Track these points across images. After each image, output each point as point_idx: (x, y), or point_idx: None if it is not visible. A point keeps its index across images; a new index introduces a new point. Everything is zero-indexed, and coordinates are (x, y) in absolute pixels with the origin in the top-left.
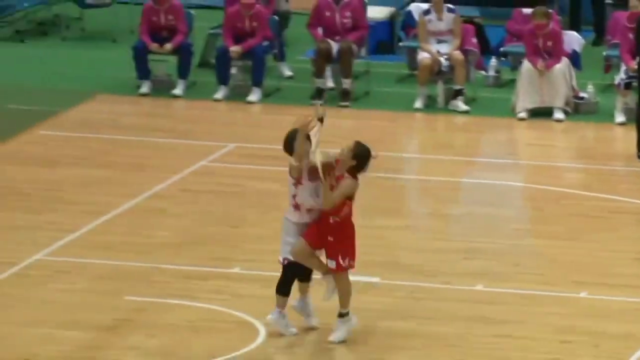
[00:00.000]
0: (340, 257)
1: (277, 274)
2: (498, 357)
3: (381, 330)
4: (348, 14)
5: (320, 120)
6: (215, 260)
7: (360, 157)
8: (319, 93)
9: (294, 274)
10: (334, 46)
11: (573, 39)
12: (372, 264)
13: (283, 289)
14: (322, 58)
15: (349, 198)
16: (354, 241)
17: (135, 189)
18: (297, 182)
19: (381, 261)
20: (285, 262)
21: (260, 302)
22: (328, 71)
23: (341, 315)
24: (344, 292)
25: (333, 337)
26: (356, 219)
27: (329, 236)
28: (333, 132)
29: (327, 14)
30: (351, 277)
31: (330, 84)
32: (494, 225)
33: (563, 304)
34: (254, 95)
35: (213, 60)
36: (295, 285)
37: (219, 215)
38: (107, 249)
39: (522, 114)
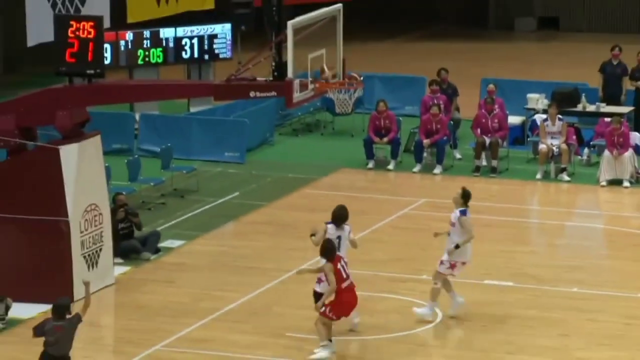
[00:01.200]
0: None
1: (452, 280)
2: (588, 331)
3: (513, 315)
4: (496, 120)
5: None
6: (410, 270)
7: (325, 253)
8: (477, 169)
9: None
10: (487, 140)
11: (635, 137)
12: (507, 274)
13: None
14: (480, 147)
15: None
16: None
17: (362, 226)
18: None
19: (514, 272)
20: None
21: (441, 297)
22: (483, 155)
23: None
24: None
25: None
26: (499, 246)
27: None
28: (485, 195)
29: (483, 120)
30: (494, 282)
31: (484, 163)
32: (584, 251)
33: (629, 300)
34: (438, 170)
35: (412, 148)
36: None
37: (414, 243)
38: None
39: (604, 183)
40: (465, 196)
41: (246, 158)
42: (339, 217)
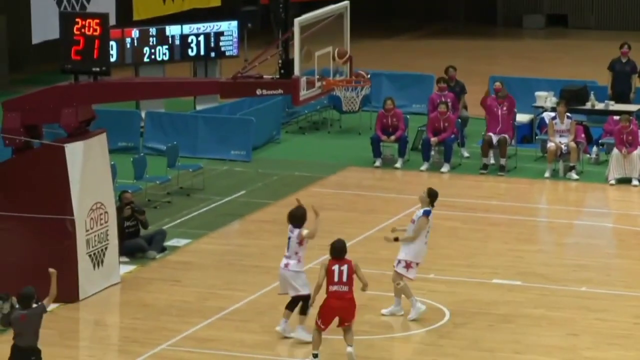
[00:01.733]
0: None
1: (459, 279)
2: (596, 330)
3: (521, 314)
4: (509, 113)
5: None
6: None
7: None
8: (484, 167)
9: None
10: (495, 137)
11: None
12: (516, 273)
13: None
14: (487, 145)
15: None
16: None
17: (370, 225)
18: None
19: (522, 271)
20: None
21: (448, 295)
22: (491, 153)
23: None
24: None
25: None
26: (507, 245)
27: None
28: (493, 193)
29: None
30: (502, 281)
31: (492, 161)
32: (593, 250)
33: (638, 300)
34: (445, 168)
35: (420, 146)
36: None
37: None
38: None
39: (612, 181)
40: (431, 196)
41: (252, 156)
42: (293, 217)
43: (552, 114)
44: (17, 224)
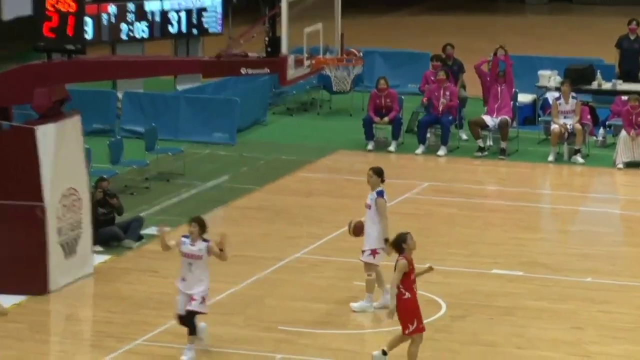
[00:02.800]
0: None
1: (457, 269)
2: (602, 323)
3: (522, 307)
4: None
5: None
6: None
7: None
8: (480, 149)
9: None
10: (492, 119)
11: None
12: (517, 263)
13: None
14: (475, 126)
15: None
16: None
17: (361, 212)
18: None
19: (523, 261)
20: None
21: (445, 286)
22: (490, 136)
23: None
24: None
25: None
26: (507, 234)
27: None
28: (493, 178)
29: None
30: (502, 272)
31: (489, 143)
32: (599, 238)
33: None
34: (442, 151)
35: (415, 128)
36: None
37: (417, 229)
38: (344, 250)
39: (620, 165)
40: (378, 174)
41: (237, 139)
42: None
43: (556, 94)
44: None
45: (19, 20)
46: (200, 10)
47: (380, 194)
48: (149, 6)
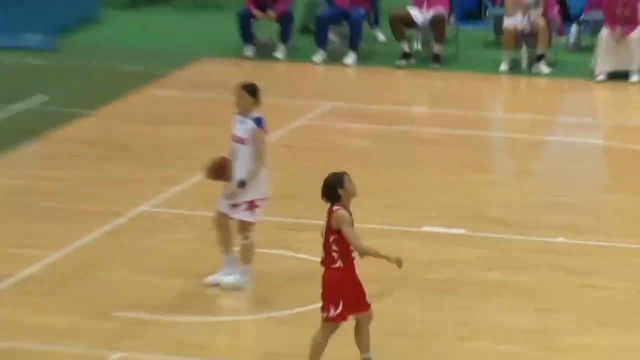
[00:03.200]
0: None
1: (373, 226)
2: (581, 303)
3: (469, 280)
4: None
5: None
6: (310, 212)
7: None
8: (404, 56)
9: None
10: (421, 13)
11: None
12: (458, 216)
13: None
14: (397, 22)
15: None
16: None
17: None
18: None
19: (468, 215)
20: None
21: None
22: (419, 39)
23: None
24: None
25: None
26: (445, 175)
27: None
28: (425, 92)
29: None
30: (438, 230)
31: (419, 47)
32: (573, 181)
33: None
34: (350, 58)
35: (312, 26)
36: None
37: (315, 170)
38: (210, 201)
39: (601, 77)
40: (252, 91)
41: (58, 43)
42: None
43: None
44: None
45: None
46: None
47: (259, 122)
48: None
